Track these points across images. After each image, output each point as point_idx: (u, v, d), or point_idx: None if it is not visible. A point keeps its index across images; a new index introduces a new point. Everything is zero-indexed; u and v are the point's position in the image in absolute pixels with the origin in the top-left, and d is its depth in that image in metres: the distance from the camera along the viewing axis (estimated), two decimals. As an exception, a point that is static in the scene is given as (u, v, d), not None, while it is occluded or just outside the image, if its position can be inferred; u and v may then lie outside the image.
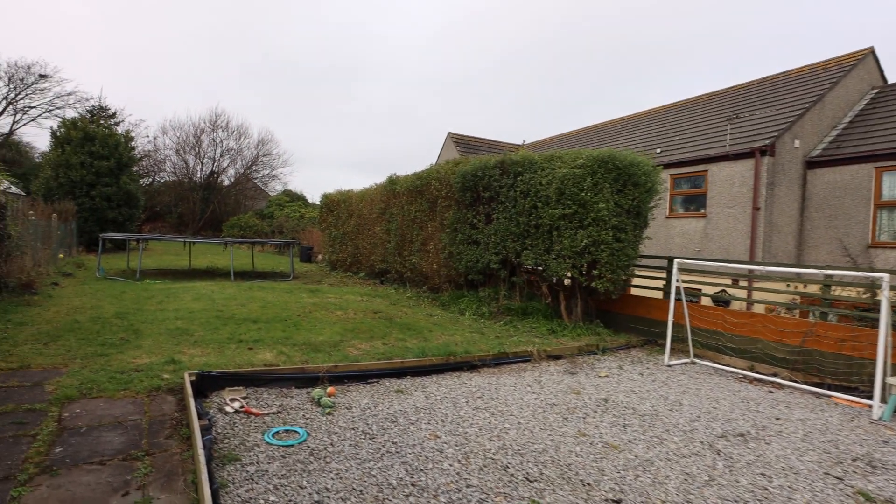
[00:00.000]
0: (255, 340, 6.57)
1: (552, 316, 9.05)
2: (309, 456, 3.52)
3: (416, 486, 3.19)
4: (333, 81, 77.24)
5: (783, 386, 6.13)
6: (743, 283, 11.47)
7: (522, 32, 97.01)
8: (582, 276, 8.26)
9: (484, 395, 5.20)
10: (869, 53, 14.39)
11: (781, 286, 8.97)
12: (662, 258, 9.25)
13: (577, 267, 8.22)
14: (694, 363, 7.25)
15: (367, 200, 15.66)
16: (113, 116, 34.82)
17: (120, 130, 27.36)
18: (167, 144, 46.73)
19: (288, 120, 70.48)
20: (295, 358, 5.82)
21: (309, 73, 74.33)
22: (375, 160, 73.82)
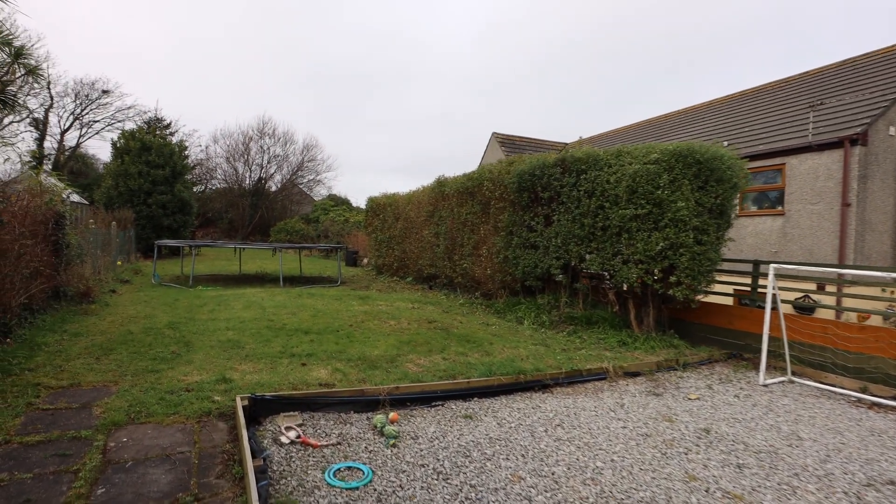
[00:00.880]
0: (307, 354, 6.19)
1: (620, 326, 8.29)
2: (376, 502, 3.02)
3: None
4: (377, 86, 77.83)
5: (916, 414, 5.20)
6: (830, 288, 10.25)
7: (568, 30, 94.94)
8: (656, 282, 7.47)
9: (563, 422, 4.58)
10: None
11: (876, 291, 7.88)
12: (745, 261, 8.33)
13: (650, 272, 7.44)
14: (792, 381, 6.37)
15: (413, 203, 15.22)
16: (168, 127, 36.10)
17: (174, 140, 28.20)
18: (218, 153, 48.10)
19: (331, 125, 71.52)
20: (351, 376, 5.38)
21: (352, 78, 75.19)
22: (418, 163, 73.66)
